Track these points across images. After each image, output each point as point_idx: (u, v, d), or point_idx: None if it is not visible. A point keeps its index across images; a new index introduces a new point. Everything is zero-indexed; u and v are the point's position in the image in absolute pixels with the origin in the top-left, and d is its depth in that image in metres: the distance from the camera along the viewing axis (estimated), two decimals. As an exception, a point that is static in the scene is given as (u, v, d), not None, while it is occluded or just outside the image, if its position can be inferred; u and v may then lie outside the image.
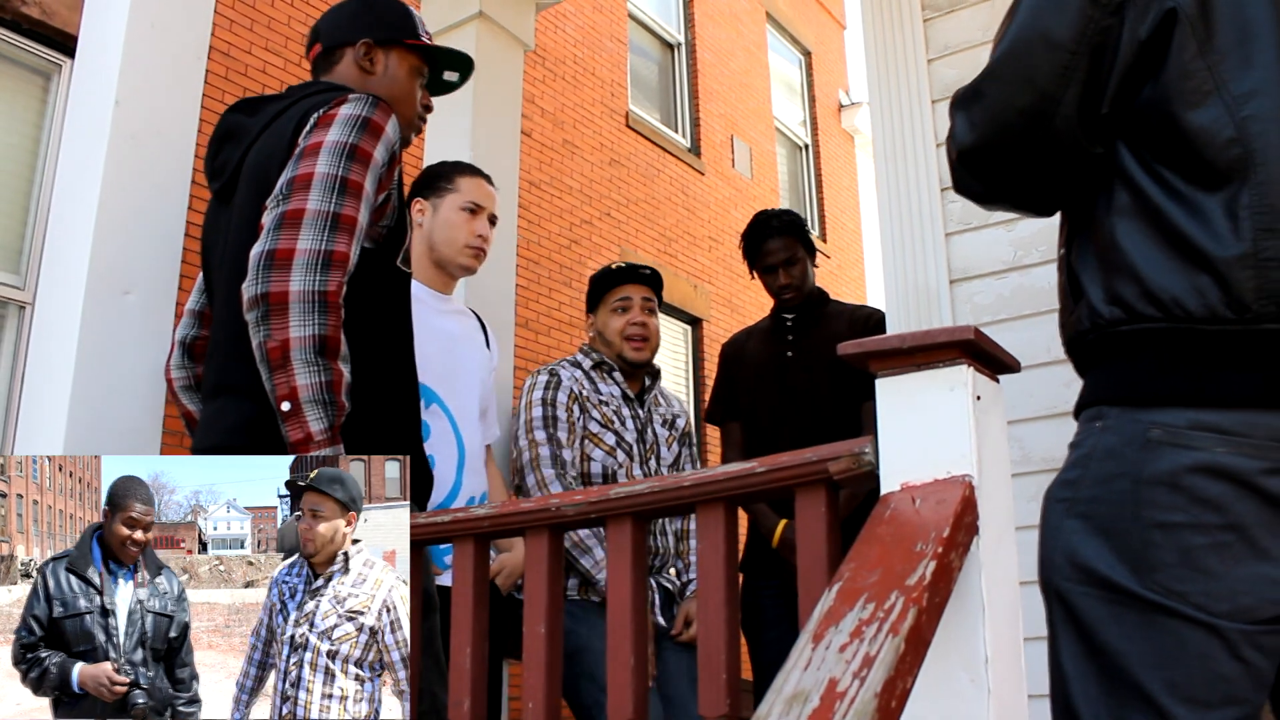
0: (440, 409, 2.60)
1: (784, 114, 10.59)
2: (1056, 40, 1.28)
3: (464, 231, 2.70)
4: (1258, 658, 1.19)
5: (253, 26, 5.48)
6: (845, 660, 0.89)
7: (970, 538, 1.09)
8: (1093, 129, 1.30)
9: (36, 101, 4.65)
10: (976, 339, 1.13)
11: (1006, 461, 1.20)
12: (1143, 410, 1.22)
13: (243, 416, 1.77)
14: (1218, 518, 1.18)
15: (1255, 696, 1.20)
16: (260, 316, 1.64)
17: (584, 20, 7.98)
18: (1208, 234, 1.22)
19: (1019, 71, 1.31)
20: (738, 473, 1.31)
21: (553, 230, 7.18)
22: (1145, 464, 1.20)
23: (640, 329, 3.02)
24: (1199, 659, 1.17)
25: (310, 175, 1.73)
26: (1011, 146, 1.33)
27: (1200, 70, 1.24)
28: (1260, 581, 1.18)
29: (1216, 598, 1.17)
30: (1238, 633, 1.18)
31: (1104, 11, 1.27)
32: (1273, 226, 1.19)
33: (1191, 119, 1.24)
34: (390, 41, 2.08)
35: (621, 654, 1.37)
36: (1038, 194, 1.40)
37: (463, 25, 3.42)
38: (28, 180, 4.56)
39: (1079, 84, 1.28)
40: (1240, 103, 1.23)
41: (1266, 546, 1.18)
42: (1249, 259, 1.19)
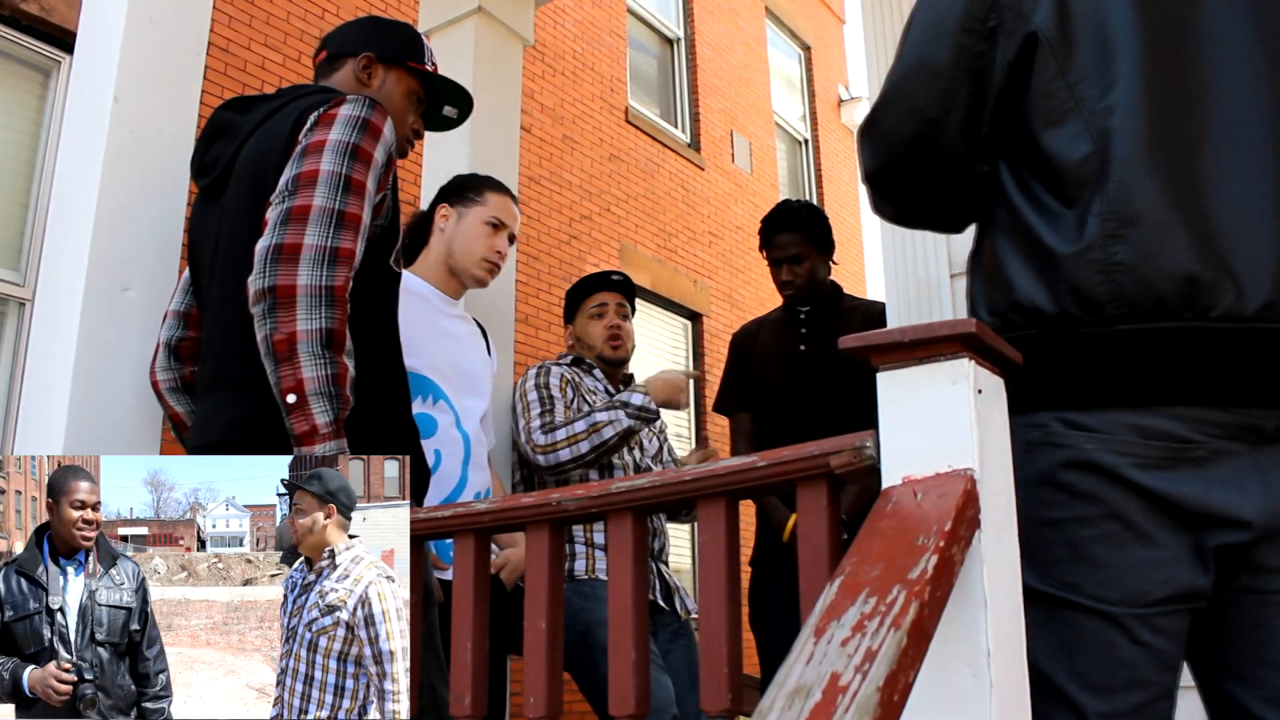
0: (446, 404, 2.61)
1: (784, 109, 10.58)
2: (936, 68, 1.35)
3: (483, 245, 2.74)
4: (1156, 640, 1.24)
5: (251, 22, 5.47)
6: (847, 654, 0.89)
7: (972, 531, 1.09)
8: (977, 149, 1.37)
9: (35, 98, 4.64)
10: (978, 332, 1.12)
11: (1008, 455, 1.19)
12: (1021, 415, 1.27)
13: (240, 412, 1.77)
14: (1098, 509, 1.23)
15: (1160, 678, 1.25)
16: (267, 309, 1.65)
17: (583, 15, 7.97)
18: (1060, 239, 1.27)
19: (905, 99, 1.38)
20: (739, 467, 1.31)
21: (552, 226, 7.18)
22: (1028, 466, 1.26)
23: (617, 330, 3.16)
24: (1098, 646, 1.22)
25: (315, 172, 1.74)
26: (907, 170, 1.41)
27: (1060, 90, 1.30)
28: (1146, 565, 1.23)
29: (1107, 586, 1.23)
30: (1132, 617, 1.23)
31: (977, 38, 1.33)
32: (1119, 233, 1.24)
33: (1053, 136, 1.30)
34: (392, 60, 2.12)
35: (623, 648, 1.36)
36: (942, 213, 1.48)
37: (461, 20, 3.41)
38: (27, 177, 4.56)
39: (960, 108, 1.34)
40: (1097, 118, 1.28)
41: (1149, 532, 1.23)
42: (1099, 264, 1.24)
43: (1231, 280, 1.22)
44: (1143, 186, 1.24)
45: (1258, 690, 1.26)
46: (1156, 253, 1.23)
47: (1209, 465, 1.23)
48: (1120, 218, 1.24)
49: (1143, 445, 1.23)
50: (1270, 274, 1.23)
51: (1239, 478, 1.23)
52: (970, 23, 1.33)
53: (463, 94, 2.24)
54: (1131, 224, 1.24)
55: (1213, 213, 1.24)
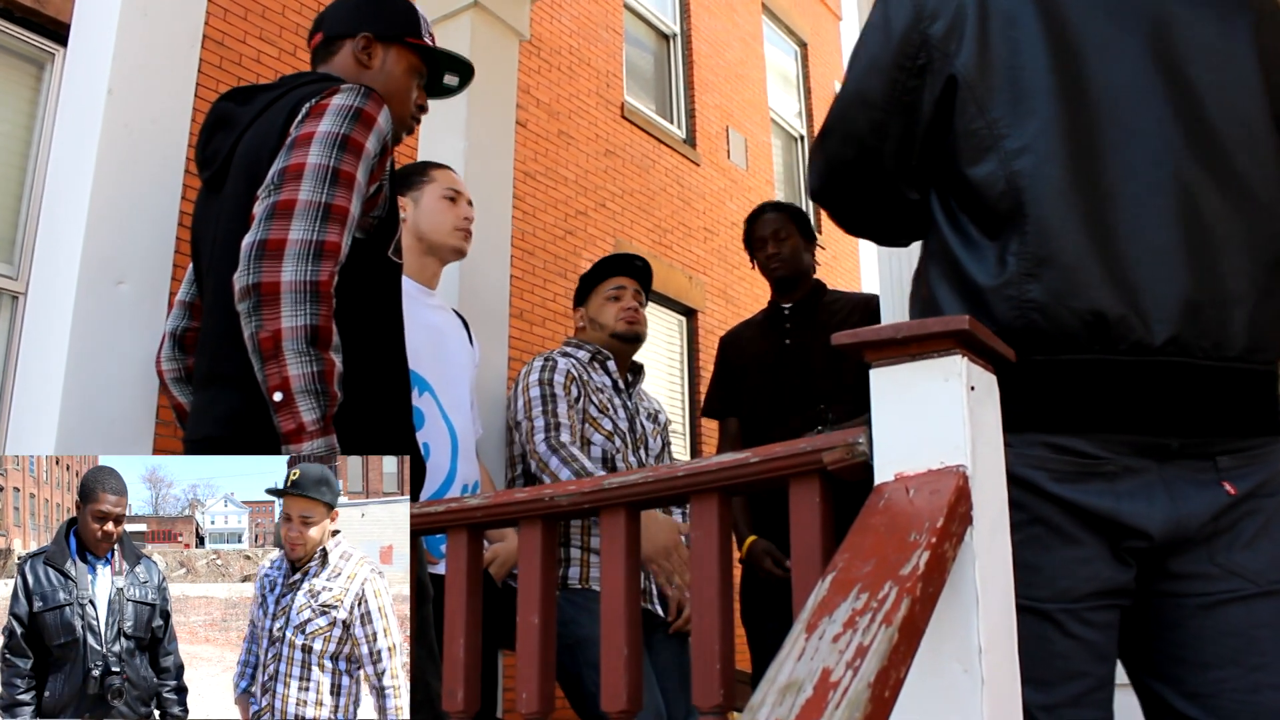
0: (431, 397, 2.61)
1: (780, 105, 10.58)
2: (871, 101, 1.44)
3: (449, 215, 2.74)
4: (1087, 632, 1.31)
5: (246, 15, 5.46)
6: (839, 650, 0.89)
7: (964, 528, 1.09)
8: (908, 178, 1.46)
9: (29, 90, 4.63)
10: (971, 329, 1.13)
11: (1001, 452, 1.20)
12: None
13: (231, 407, 1.77)
14: (1021, 515, 1.28)
15: (1094, 669, 1.32)
16: (252, 307, 1.64)
17: (579, 10, 7.96)
18: (982, 272, 1.35)
19: (844, 129, 1.48)
20: (732, 463, 1.31)
21: (547, 221, 7.17)
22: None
23: (634, 312, 3.11)
24: (1035, 642, 1.27)
25: (302, 166, 1.72)
26: (845, 191, 1.52)
27: (981, 129, 1.37)
28: (1072, 563, 1.30)
29: (1037, 585, 1.28)
30: (1063, 612, 1.30)
31: (908, 74, 1.41)
32: (1034, 272, 1.31)
33: (973, 173, 1.37)
34: (391, 38, 2.09)
35: (615, 643, 1.37)
36: (881, 230, 1.60)
37: (458, 15, 3.41)
38: (20, 169, 4.54)
39: (894, 139, 1.43)
40: (1011, 158, 1.35)
41: (1071, 533, 1.30)
42: (1013, 300, 1.32)
43: (1139, 316, 1.30)
44: (1058, 227, 1.32)
45: (1178, 687, 1.34)
46: (1067, 291, 1.31)
47: (1118, 480, 1.30)
48: (1035, 258, 1.32)
49: (1056, 460, 1.30)
50: (1177, 310, 1.30)
51: (1147, 491, 1.31)
52: (903, 59, 1.41)
53: (462, 62, 2.22)
54: (1045, 264, 1.31)
55: (1124, 252, 1.32)
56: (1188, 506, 1.32)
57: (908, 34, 1.41)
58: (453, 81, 2.24)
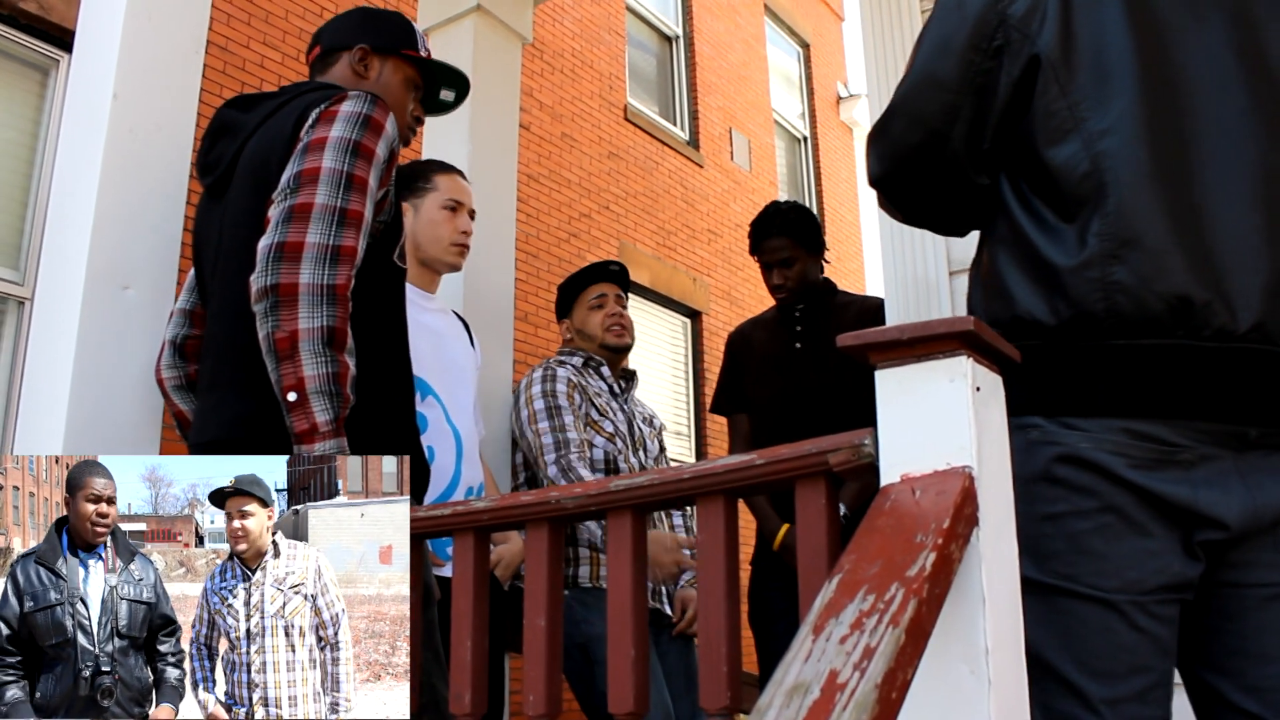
0: (435, 400, 2.61)
1: (783, 106, 10.58)
2: (942, 82, 1.41)
3: (448, 229, 2.71)
4: (1154, 625, 1.29)
5: (250, 21, 5.47)
6: (846, 652, 0.89)
7: (970, 529, 1.09)
8: (978, 163, 1.43)
9: (34, 96, 4.64)
10: (976, 330, 1.13)
11: (1007, 453, 1.20)
12: (1021, 418, 1.32)
13: (239, 410, 1.78)
14: (1094, 502, 1.28)
15: (1159, 663, 1.30)
16: (269, 308, 1.65)
17: (582, 13, 7.97)
18: (1059, 254, 1.33)
19: (912, 111, 1.44)
20: (737, 465, 1.31)
21: (551, 224, 7.17)
22: (1025, 464, 1.30)
23: (619, 317, 3.14)
24: (1100, 633, 1.27)
25: (317, 170, 1.74)
26: (910, 178, 1.48)
27: (1062, 110, 1.35)
28: (1142, 555, 1.28)
29: (1105, 575, 1.28)
30: (1130, 604, 1.28)
31: (984, 56, 1.39)
32: (1117, 253, 1.30)
33: (1053, 154, 1.35)
34: (387, 50, 2.11)
35: (622, 645, 1.37)
36: (944, 218, 1.55)
37: (460, 19, 3.41)
38: (26, 175, 4.55)
39: (965, 122, 1.40)
40: (1095, 139, 1.33)
41: (1142, 523, 1.28)
42: (1096, 282, 1.30)
43: (1224, 302, 1.28)
44: (1142, 210, 1.30)
45: (1237, 679, 1.32)
46: (1153, 275, 1.29)
47: (1195, 468, 1.29)
48: (1119, 239, 1.30)
49: (1134, 446, 1.28)
50: (1261, 296, 1.29)
51: (1223, 480, 1.29)
52: (978, 40, 1.38)
53: (459, 76, 2.23)
54: (1129, 246, 1.29)
55: (1208, 236, 1.30)
56: (1263, 496, 1.30)
57: (984, 15, 1.39)
58: (448, 97, 2.26)
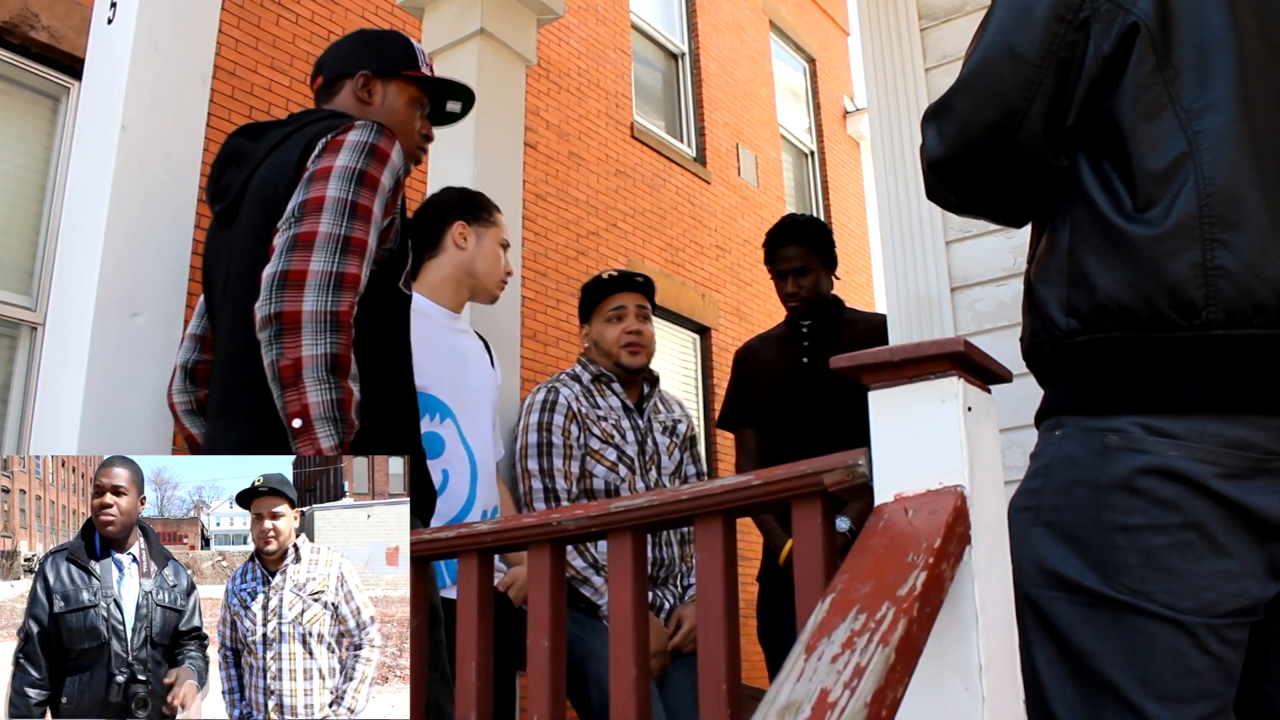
0: (452, 423, 2.63)
1: (789, 121, 10.61)
2: (1022, 55, 1.31)
3: (501, 266, 2.83)
4: (1224, 650, 1.23)
5: (257, 45, 5.52)
6: (837, 671, 0.91)
7: (962, 547, 1.10)
8: (1057, 142, 1.33)
9: (45, 124, 4.69)
10: (966, 350, 1.14)
11: (999, 471, 1.21)
12: (1099, 418, 1.26)
13: (248, 436, 1.80)
14: (1176, 517, 1.22)
15: (1225, 690, 1.24)
16: (273, 335, 1.67)
17: (587, 32, 8.02)
18: (1153, 239, 1.24)
19: (986, 86, 1.33)
20: (735, 485, 1.32)
21: (559, 242, 7.20)
22: (1103, 470, 1.25)
23: (636, 336, 3.01)
24: (1169, 655, 1.21)
25: (322, 199, 1.76)
26: (978, 159, 1.36)
27: (1156, 84, 1.27)
28: (1220, 577, 1.22)
29: (1181, 594, 1.22)
30: (1203, 627, 1.22)
31: (1069, 28, 1.30)
32: (1221, 237, 1.22)
33: (1144, 131, 1.27)
34: (388, 73, 2.13)
35: (624, 665, 1.38)
36: (1007, 205, 1.43)
37: (464, 42, 3.44)
38: (38, 202, 4.60)
39: (1045, 98, 1.30)
40: (1193, 117, 1.26)
41: (1224, 543, 1.22)
42: (1196, 266, 1.22)
43: None
44: (1245, 192, 1.24)
45: None
46: (1259, 260, 1.22)
47: None
48: (1222, 222, 1.23)
49: (1227, 454, 1.22)
50: None
51: None
52: (1063, 11, 1.30)
53: (463, 88, 2.25)
54: (1234, 229, 1.23)
55: None
56: None
57: None
58: (455, 107, 2.27)
